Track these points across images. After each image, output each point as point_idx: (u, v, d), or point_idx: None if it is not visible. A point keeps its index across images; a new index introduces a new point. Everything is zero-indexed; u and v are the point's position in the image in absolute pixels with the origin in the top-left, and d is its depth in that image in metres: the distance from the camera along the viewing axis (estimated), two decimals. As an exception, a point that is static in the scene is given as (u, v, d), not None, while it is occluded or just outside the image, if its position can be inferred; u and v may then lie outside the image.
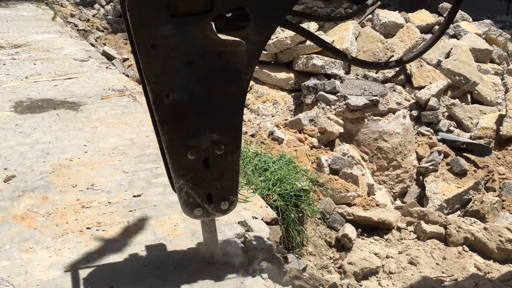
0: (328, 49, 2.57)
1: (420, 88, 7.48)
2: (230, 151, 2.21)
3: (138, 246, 3.20)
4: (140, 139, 5.00)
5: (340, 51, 2.63)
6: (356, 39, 8.39)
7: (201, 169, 2.20)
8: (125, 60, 8.72)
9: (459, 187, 6.12)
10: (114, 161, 4.49)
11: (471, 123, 7.34)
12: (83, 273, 2.91)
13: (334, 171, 5.24)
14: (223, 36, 1.91)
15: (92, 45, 9.37)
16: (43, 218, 3.52)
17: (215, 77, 2.02)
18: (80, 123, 5.33)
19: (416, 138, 6.96)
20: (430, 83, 7.47)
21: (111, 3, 13.97)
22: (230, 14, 1.98)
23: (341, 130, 6.42)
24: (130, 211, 3.65)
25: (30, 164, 4.35)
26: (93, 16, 13.16)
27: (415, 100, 7.38)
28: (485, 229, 4.52)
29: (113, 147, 4.78)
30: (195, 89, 2.00)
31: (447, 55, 8.02)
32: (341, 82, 7.24)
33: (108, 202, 3.76)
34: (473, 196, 6.08)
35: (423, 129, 7.06)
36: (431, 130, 7.05)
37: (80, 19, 12.14)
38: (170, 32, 1.82)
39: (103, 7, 14.00)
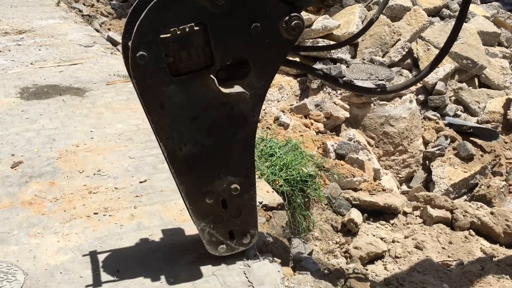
0: (320, 76, 2.64)
1: (427, 72, 7.40)
2: (245, 189, 2.31)
3: (145, 231, 3.22)
4: (146, 125, 5.00)
5: (332, 76, 2.70)
6: (362, 22, 8.30)
7: (220, 210, 2.30)
8: (130, 45, 8.69)
9: (466, 172, 6.10)
10: (120, 147, 4.50)
11: (479, 107, 7.28)
12: (91, 257, 2.94)
13: (340, 156, 5.23)
14: (226, 90, 1.99)
15: (97, 30, 9.34)
16: (50, 203, 3.54)
17: (222, 125, 2.12)
18: (86, 109, 5.34)
19: (422, 122, 6.92)
20: (437, 66, 7.39)
21: (115, -13, 13.89)
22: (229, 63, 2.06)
23: (347, 115, 6.39)
24: (137, 196, 3.67)
25: (37, 150, 4.37)
26: (98, 1, 13.08)
27: (421, 85, 7.32)
28: (492, 213, 4.51)
29: (119, 133, 4.78)
30: (205, 139, 2.10)
31: (455, 39, 7.92)
32: (347, 67, 7.19)
33: (115, 188, 3.78)
34: (479, 181, 6.06)
35: (430, 113, 7.01)
36: (438, 115, 7.01)
37: (84, 4, 12.07)
38: (175, 91, 1.93)
39: (107, -8, 13.92)
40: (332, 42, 7.58)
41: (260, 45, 2.01)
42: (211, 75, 1.97)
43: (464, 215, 4.44)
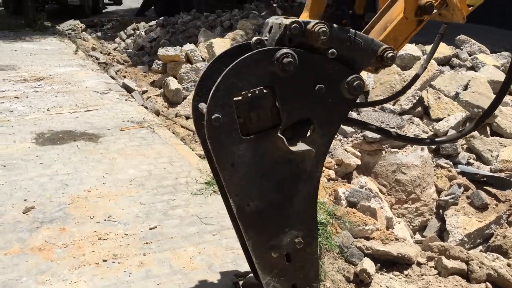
0: (374, 131, 2.70)
1: (438, 120, 7.42)
2: (308, 243, 2.36)
3: (153, 279, 3.18)
4: (157, 171, 5.03)
5: (386, 130, 2.75)
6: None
7: (284, 264, 2.36)
8: (144, 92, 8.87)
9: (481, 221, 5.98)
10: (131, 192, 4.51)
11: (491, 155, 7.23)
12: (99, 306, 2.90)
13: (351, 204, 5.17)
14: (294, 148, 2.09)
15: (112, 77, 9.57)
16: (60, 250, 3.53)
17: (288, 182, 2.20)
18: (99, 155, 5.40)
19: (435, 170, 6.86)
20: (448, 115, 7.41)
21: (132, 37, 14.35)
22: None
23: (359, 162, 6.37)
24: (147, 243, 3.64)
25: (49, 196, 4.40)
26: (114, 49, 13.50)
27: (433, 132, 7.32)
28: (509, 265, 4.39)
29: (130, 178, 4.81)
30: (272, 195, 2.19)
31: (465, 87, 7.98)
32: (358, 114, 7.23)
33: (125, 234, 3.77)
34: (495, 231, 5.93)
35: (442, 161, 6.97)
36: (450, 163, 6.96)
37: (101, 53, 12.45)
38: (245, 150, 2.04)
39: (123, 40, 14.37)
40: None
41: (323, 105, 2.13)
42: (279, 134, 2.07)
43: (480, 267, 4.32)
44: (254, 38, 2.10)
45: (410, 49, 8.87)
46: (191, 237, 3.78)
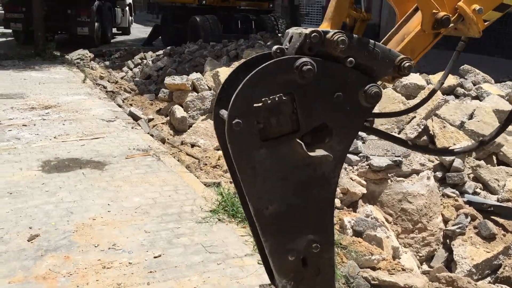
0: (402, 144, 2.74)
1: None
2: (325, 248, 2.37)
3: (157, 309, 3.15)
4: (162, 199, 5.03)
5: (403, 140, 2.79)
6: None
7: (301, 268, 2.37)
8: (150, 120, 8.94)
9: (488, 252, 5.90)
10: (136, 220, 4.51)
11: (498, 185, 7.18)
12: (101, 336, 2.86)
13: (357, 233, 5.13)
14: (312, 153, 2.12)
15: (119, 106, 9.67)
16: (64, 278, 3.51)
17: (306, 186, 2.23)
18: (105, 182, 5.41)
19: (441, 200, 6.82)
20: (454, 144, 7.40)
21: (139, 66, 14.55)
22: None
23: (364, 191, 6.35)
24: (151, 272, 3.62)
25: (54, 223, 4.40)
26: (122, 78, 13.68)
27: (439, 161, 7.30)
28: (518, 297, 4.31)
29: (136, 206, 4.81)
30: (290, 199, 2.22)
31: (470, 117, 7.99)
32: (363, 143, 7.24)
33: (129, 263, 3.74)
34: (503, 261, 5.84)
35: (449, 190, 6.92)
36: (457, 192, 6.91)
37: (109, 81, 12.61)
38: (265, 155, 2.09)
39: (131, 69, 14.57)
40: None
41: (341, 113, 2.18)
42: (298, 140, 2.11)
43: (489, 298, 4.25)
44: (275, 47, 2.15)
45: (414, 78, 8.94)
46: (195, 266, 3.76)
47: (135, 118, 8.61)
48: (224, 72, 9.40)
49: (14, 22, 19.40)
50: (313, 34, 2.05)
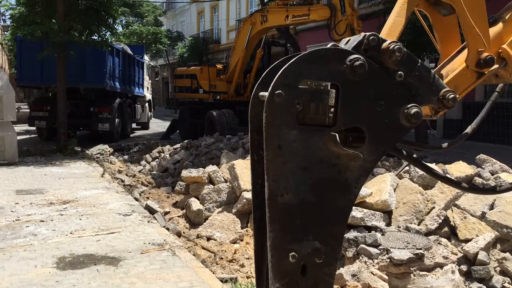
0: (440, 178, 2.68)
1: (467, 241, 7.18)
2: (328, 262, 2.24)
3: None
4: (177, 297, 4.88)
5: (454, 180, 2.72)
6: (394, 190, 8.39)
7: (298, 275, 2.23)
8: (166, 213, 8.93)
9: None
10: (149, 320, 4.34)
11: (528, 278, 6.84)
12: None
13: (382, 333, 4.84)
14: (343, 149, 2.08)
15: (136, 199, 9.74)
16: None
17: (326, 186, 2.16)
18: (119, 279, 5.30)
19: (468, 295, 6.48)
20: (477, 235, 7.18)
21: (157, 159, 14.83)
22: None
23: (386, 286, 6.09)
24: None
25: (65, 324, 4.25)
26: (139, 171, 13.89)
27: (462, 254, 7.04)
28: None
29: (149, 305, 4.66)
30: (307, 193, 2.14)
31: (491, 207, 7.83)
32: (382, 235, 7.07)
33: None
34: None
35: (475, 285, 6.60)
36: (484, 287, 6.59)
37: (127, 175, 12.81)
38: (295, 137, 2.05)
39: (149, 163, 14.84)
40: (365, 210, 7.59)
41: (379, 123, 2.14)
42: (334, 133, 2.06)
43: None
44: (331, 43, 2.17)
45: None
46: None
47: (152, 211, 8.62)
48: (240, 165, 9.51)
49: (39, 120, 20.27)
50: (371, 37, 2.07)
